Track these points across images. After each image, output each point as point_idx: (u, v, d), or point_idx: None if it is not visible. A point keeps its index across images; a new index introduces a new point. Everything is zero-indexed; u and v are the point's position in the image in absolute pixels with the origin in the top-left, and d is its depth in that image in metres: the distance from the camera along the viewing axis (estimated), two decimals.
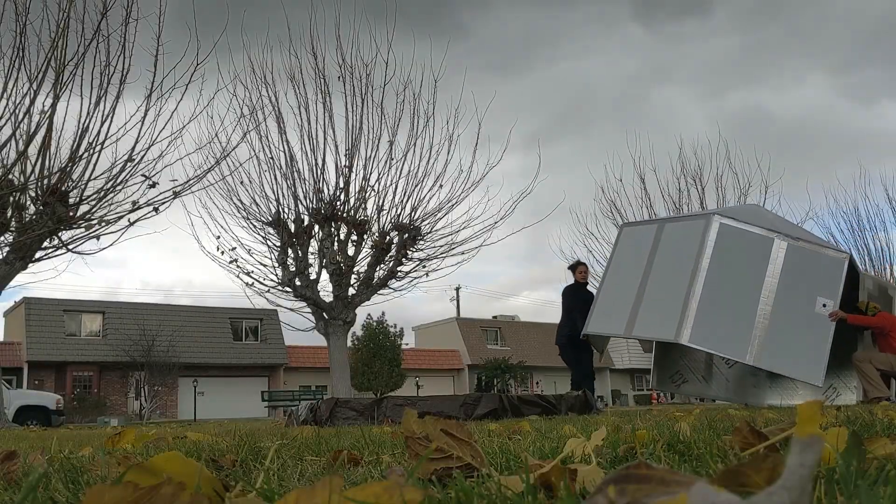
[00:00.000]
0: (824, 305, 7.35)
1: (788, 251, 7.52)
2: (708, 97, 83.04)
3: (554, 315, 11.31)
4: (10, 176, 12.84)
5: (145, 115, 13.37)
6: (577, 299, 9.57)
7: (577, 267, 10.22)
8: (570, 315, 9.45)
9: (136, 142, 13.38)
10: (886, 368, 8.03)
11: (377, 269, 16.88)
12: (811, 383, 7.42)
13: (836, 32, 77.53)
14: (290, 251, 16.68)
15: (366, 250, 16.98)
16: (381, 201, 16.97)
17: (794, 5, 77.10)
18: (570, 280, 10.22)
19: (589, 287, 10.21)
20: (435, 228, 17.25)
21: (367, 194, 16.85)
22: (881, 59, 73.97)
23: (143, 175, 13.42)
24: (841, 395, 8.93)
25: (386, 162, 16.95)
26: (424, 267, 17.13)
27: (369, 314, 39.18)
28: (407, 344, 42.26)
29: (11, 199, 13.02)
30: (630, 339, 8.85)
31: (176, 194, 13.87)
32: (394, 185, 16.99)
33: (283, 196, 16.77)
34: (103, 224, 13.30)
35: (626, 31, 76.41)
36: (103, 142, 13.21)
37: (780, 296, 7.33)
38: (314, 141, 16.80)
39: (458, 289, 51.54)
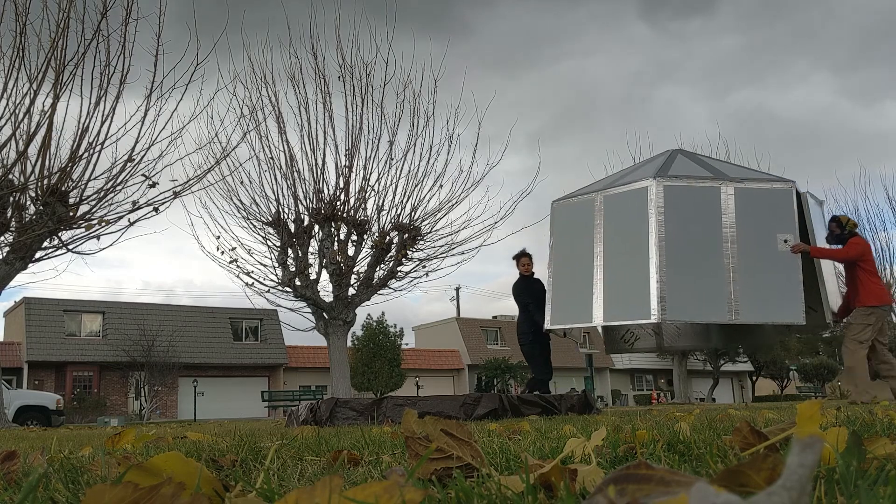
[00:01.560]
0: (785, 241, 7.07)
1: (737, 195, 7.19)
2: (711, 96, 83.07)
3: None
4: (10, 176, 12.84)
5: (145, 115, 13.38)
6: (528, 293, 8.97)
7: (519, 258, 9.44)
8: (526, 311, 8.93)
9: (136, 142, 13.39)
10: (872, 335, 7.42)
11: (377, 269, 16.88)
12: (794, 323, 7.16)
13: (840, 32, 77.58)
14: (290, 251, 16.68)
15: (366, 250, 16.98)
16: (381, 201, 16.97)
17: (798, 5, 77.13)
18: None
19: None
20: (435, 228, 17.25)
21: (367, 194, 16.85)
22: (884, 59, 73.97)
23: (143, 175, 13.42)
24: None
25: (386, 162, 16.96)
26: (424, 267, 17.13)
27: (369, 314, 39.21)
28: (407, 344, 42.28)
29: (11, 199, 13.02)
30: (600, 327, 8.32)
31: (176, 194, 13.87)
32: (394, 185, 16.99)
33: (283, 196, 16.77)
34: (103, 224, 13.29)
35: (630, 29, 76.48)
36: (103, 142, 13.22)
37: (741, 244, 7.04)
38: (314, 141, 16.81)
39: (458, 289, 51.59)
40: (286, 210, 16.76)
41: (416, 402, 6.71)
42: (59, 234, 13.41)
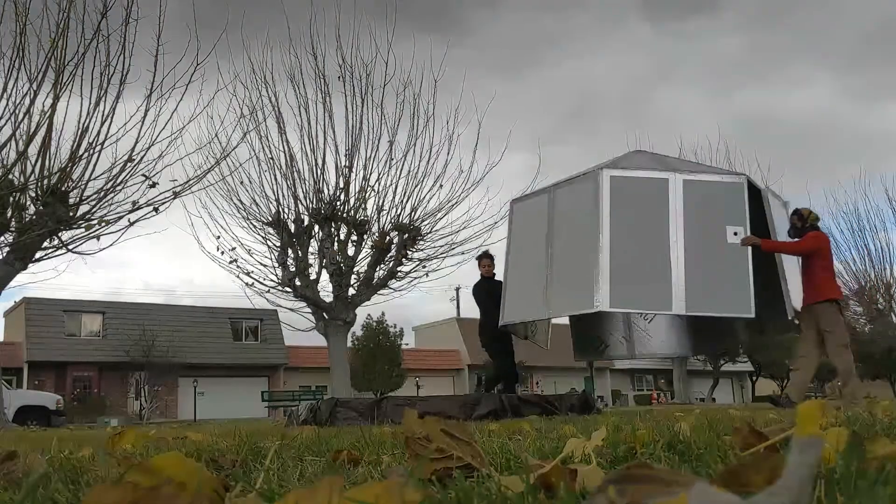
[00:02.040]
0: (735, 234, 6.96)
1: (686, 187, 7.09)
2: (713, 96, 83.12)
3: None
4: (10, 176, 12.83)
5: (145, 115, 13.37)
6: (487, 293, 8.89)
7: (480, 260, 9.41)
8: (487, 312, 8.81)
9: (136, 142, 13.38)
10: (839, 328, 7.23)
11: (377, 269, 16.88)
12: (743, 316, 7.09)
13: (842, 33, 77.60)
14: (290, 251, 16.68)
15: (366, 250, 16.98)
16: (381, 201, 16.98)
17: (800, 5, 77.18)
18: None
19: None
20: (435, 228, 17.25)
21: (367, 194, 16.86)
22: (886, 60, 74.02)
23: (143, 175, 13.41)
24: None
25: (386, 162, 16.96)
26: (424, 267, 17.14)
27: (369, 314, 39.18)
28: (407, 344, 42.26)
29: (11, 199, 13.02)
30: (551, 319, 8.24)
31: (176, 194, 13.86)
32: (394, 186, 16.99)
33: (283, 196, 16.78)
34: (103, 224, 13.29)
35: (633, 29, 76.49)
36: (103, 142, 13.21)
37: (689, 235, 6.93)
38: (314, 141, 16.81)
39: (458, 289, 51.48)
40: (286, 210, 16.77)
41: (416, 403, 6.71)
42: (59, 235, 13.40)
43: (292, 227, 16.69)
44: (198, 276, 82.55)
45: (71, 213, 13.22)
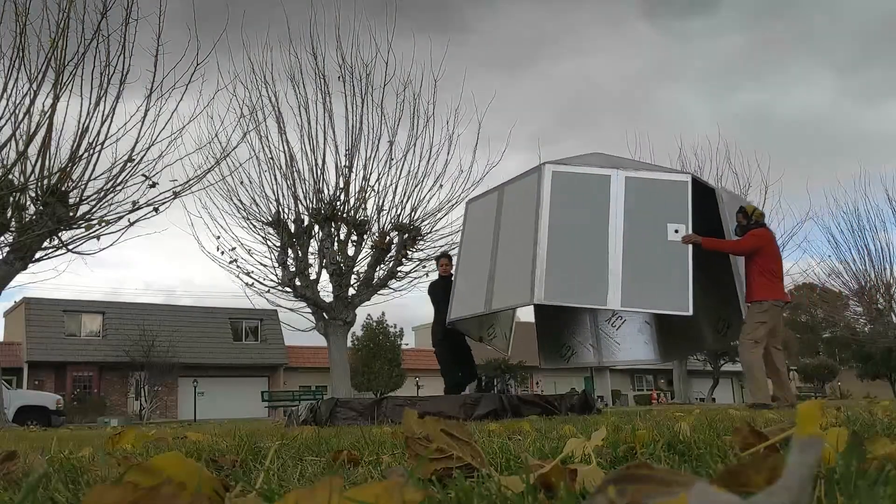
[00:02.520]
0: (676, 231, 6.88)
1: (628, 184, 7.04)
2: (713, 96, 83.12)
3: None
4: (10, 176, 12.84)
5: (145, 115, 13.38)
6: (442, 292, 8.79)
7: (439, 259, 9.40)
8: (440, 311, 8.70)
9: (136, 142, 13.39)
10: (766, 325, 7.02)
11: (377, 269, 16.89)
12: (681, 314, 6.99)
13: (842, 32, 77.61)
14: (290, 251, 16.68)
15: (366, 250, 16.98)
16: (381, 201, 16.98)
17: (800, 4, 77.18)
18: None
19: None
20: (435, 228, 17.26)
21: (367, 194, 16.86)
22: (886, 60, 74.01)
23: (143, 175, 13.42)
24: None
25: (386, 162, 16.97)
26: (424, 267, 17.13)
27: (369, 314, 39.19)
28: (407, 344, 42.24)
29: (11, 199, 13.02)
30: (491, 314, 7.97)
31: (176, 194, 13.87)
32: (394, 186, 17.00)
33: (283, 196, 16.78)
34: (103, 224, 13.30)
35: (632, 29, 76.46)
36: (103, 142, 13.22)
37: (628, 232, 6.89)
38: (314, 141, 16.81)
39: None
40: (286, 210, 16.77)
41: (416, 403, 6.71)
42: (59, 235, 13.41)
43: (292, 227, 16.69)
44: (198, 276, 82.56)
45: (71, 213, 13.23)
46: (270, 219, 16.76)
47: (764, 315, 7.02)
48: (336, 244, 16.71)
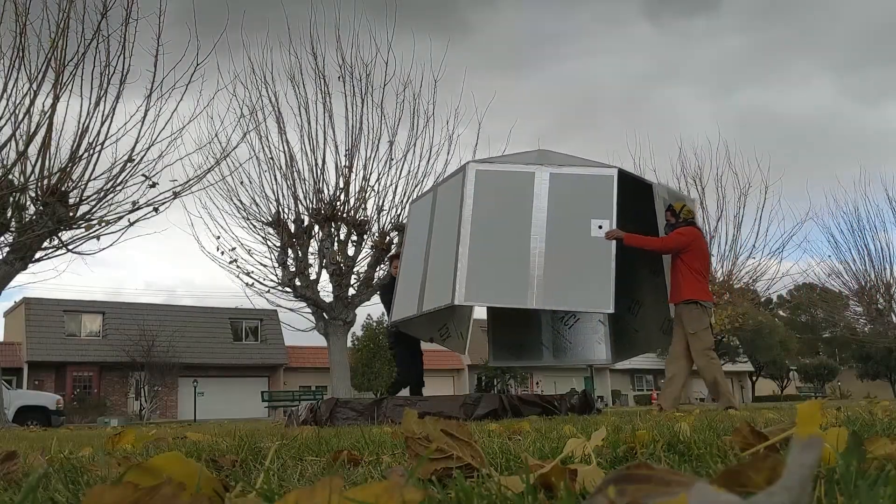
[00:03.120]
0: (600, 227, 6.72)
1: (552, 181, 6.87)
2: (714, 96, 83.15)
3: None
4: (10, 176, 12.84)
5: (145, 115, 13.40)
6: (391, 296, 8.68)
7: (392, 260, 9.22)
8: (390, 314, 8.63)
9: (136, 142, 13.41)
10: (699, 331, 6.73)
11: (377, 269, 16.89)
12: (602, 311, 6.80)
13: (843, 32, 77.66)
14: (290, 251, 16.69)
15: (366, 250, 16.99)
16: (381, 201, 17.00)
17: (801, 5, 77.21)
18: None
19: None
20: None
21: (367, 194, 16.87)
22: (886, 59, 74.04)
23: (143, 175, 13.43)
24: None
25: (386, 162, 16.98)
26: None
27: (369, 314, 39.13)
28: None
29: (11, 199, 13.02)
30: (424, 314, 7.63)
31: (176, 194, 13.88)
32: (394, 186, 17.02)
33: (283, 196, 16.80)
34: (103, 224, 13.31)
35: (634, 29, 76.50)
36: (103, 142, 13.23)
37: (551, 229, 6.74)
38: (314, 141, 16.83)
39: None
40: (286, 210, 16.78)
41: (416, 403, 6.71)
42: (59, 235, 13.42)
43: (292, 227, 16.70)
44: (198, 277, 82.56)
45: (71, 213, 13.23)
46: (270, 219, 16.77)
47: (702, 320, 6.77)
48: (336, 244, 16.72)
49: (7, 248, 13.13)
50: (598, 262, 6.66)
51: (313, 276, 16.67)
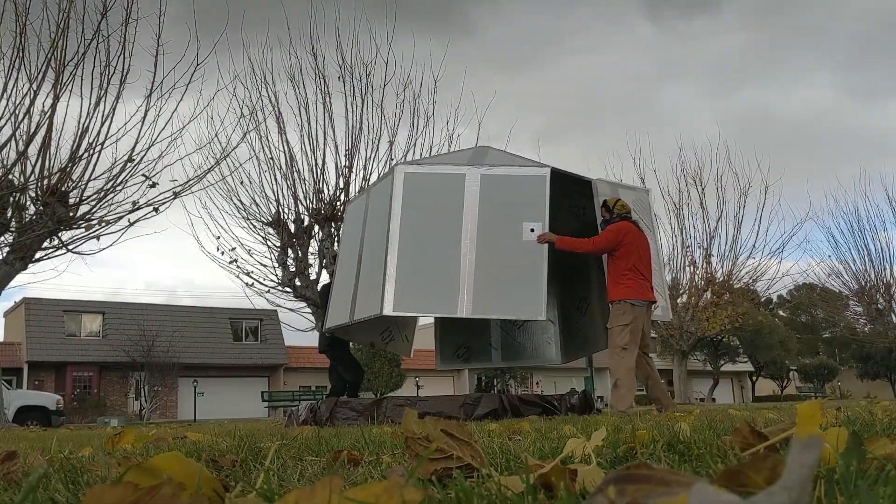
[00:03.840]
0: (532, 230, 6.45)
1: (484, 182, 6.60)
2: (714, 95, 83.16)
3: None
4: (10, 176, 12.84)
5: (145, 115, 13.39)
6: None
7: (335, 261, 9.02)
8: (325, 317, 8.45)
9: (136, 142, 13.41)
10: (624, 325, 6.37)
11: None
12: (534, 319, 6.59)
13: (843, 31, 77.66)
14: (290, 251, 16.69)
15: None
16: None
17: (802, 3, 77.21)
18: None
19: None
20: None
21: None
22: (887, 59, 74.05)
23: (143, 175, 13.43)
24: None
25: (386, 162, 16.97)
26: None
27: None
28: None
29: (11, 199, 13.02)
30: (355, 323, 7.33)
31: (176, 194, 13.88)
32: None
33: (283, 196, 16.80)
34: (103, 224, 13.31)
35: (635, 28, 76.48)
36: (103, 142, 13.23)
37: (482, 234, 6.48)
38: (314, 141, 16.83)
39: None
40: (286, 210, 16.78)
41: (416, 403, 6.71)
42: (59, 235, 13.42)
43: (292, 227, 16.70)
44: (198, 277, 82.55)
45: (71, 213, 13.23)
46: (270, 219, 16.77)
47: (625, 317, 6.41)
48: (336, 244, 16.71)
49: (7, 248, 13.13)
50: (530, 267, 6.40)
51: (313, 276, 16.67)
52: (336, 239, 16.71)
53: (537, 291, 6.30)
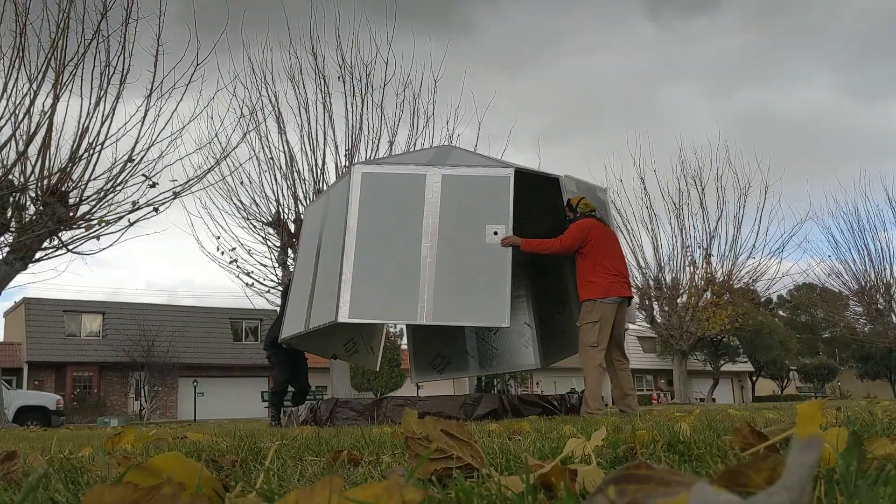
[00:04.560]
0: (495, 233, 6.18)
1: (445, 183, 6.31)
2: (714, 95, 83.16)
3: None
4: (10, 176, 12.84)
5: (145, 115, 13.39)
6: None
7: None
8: (279, 318, 8.16)
9: (136, 142, 13.40)
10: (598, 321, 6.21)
11: None
12: (498, 326, 6.33)
13: (843, 31, 77.69)
14: (290, 251, 16.68)
15: None
16: None
17: (802, 3, 77.24)
18: None
19: None
20: None
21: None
22: (887, 59, 74.07)
23: (143, 175, 13.43)
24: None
25: None
26: None
27: None
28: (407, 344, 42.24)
29: (11, 199, 13.02)
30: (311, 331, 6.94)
31: (176, 194, 13.88)
32: None
33: (283, 196, 16.80)
34: (103, 224, 13.30)
35: (636, 28, 76.46)
36: (103, 142, 13.23)
37: (443, 237, 6.20)
38: (314, 141, 16.83)
39: None
40: (286, 210, 16.78)
41: (416, 403, 6.71)
42: (59, 235, 13.41)
43: (292, 227, 16.70)
44: (198, 277, 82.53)
45: (71, 213, 13.23)
46: (270, 219, 16.77)
47: (593, 314, 6.26)
48: None
49: (7, 248, 13.13)
50: (494, 271, 6.13)
51: None
52: None
53: (501, 297, 6.03)
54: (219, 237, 16.53)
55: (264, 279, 16.78)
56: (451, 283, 6.15)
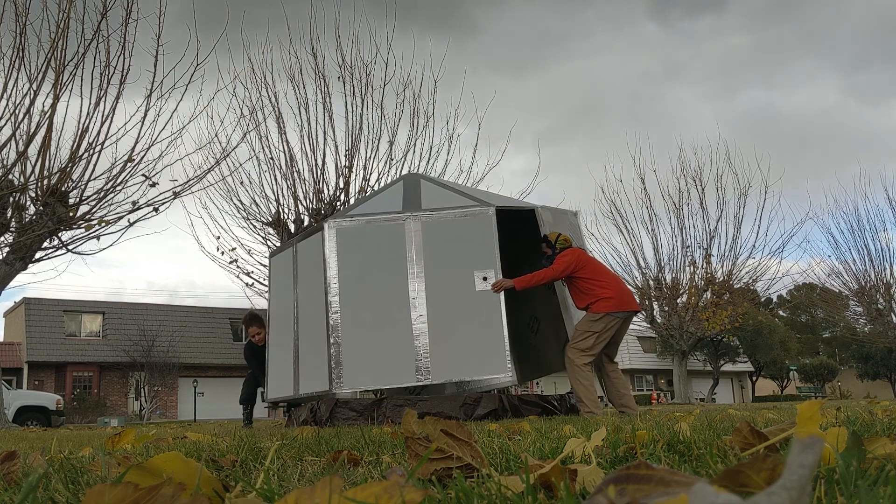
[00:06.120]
0: (485, 279, 5.99)
1: (426, 230, 6.06)
2: (717, 96, 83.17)
3: None
4: (10, 176, 12.84)
5: (145, 115, 13.39)
6: (255, 360, 8.36)
7: (248, 326, 8.51)
8: (254, 377, 8.52)
9: (136, 142, 13.40)
10: (595, 334, 6.24)
11: None
12: (502, 377, 6.23)
13: (847, 31, 77.72)
14: None
15: None
16: None
17: (805, 4, 77.25)
18: None
19: None
20: None
21: (368, 194, 16.87)
22: (888, 59, 74.09)
23: (143, 175, 13.43)
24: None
25: (386, 162, 16.99)
26: None
27: None
28: None
29: (11, 199, 13.02)
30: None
31: (176, 194, 13.88)
32: None
33: (283, 196, 16.81)
34: (103, 224, 13.30)
35: (640, 28, 76.48)
36: (103, 142, 13.22)
37: (431, 289, 5.94)
38: (314, 141, 16.84)
39: None
40: (286, 210, 16.79)
41: (416, 403, 6.70)
42: (59, 235, 13.41)
43: (292, 227, 16.70)
44: (198, 277, 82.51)
45: (71, 213, 13.22)
46: (270, 219, 16.77)
47: (596, 325, 6.30)
48: None
49: (7, 248, 13.13)
50: (488, 320, 5.92)
51: None
52: None
53: (499, 346, 5.85)
54: (219, 237, 16.55)
55: (264, 279, 16.78)
56: (444, 338, 5.97)
